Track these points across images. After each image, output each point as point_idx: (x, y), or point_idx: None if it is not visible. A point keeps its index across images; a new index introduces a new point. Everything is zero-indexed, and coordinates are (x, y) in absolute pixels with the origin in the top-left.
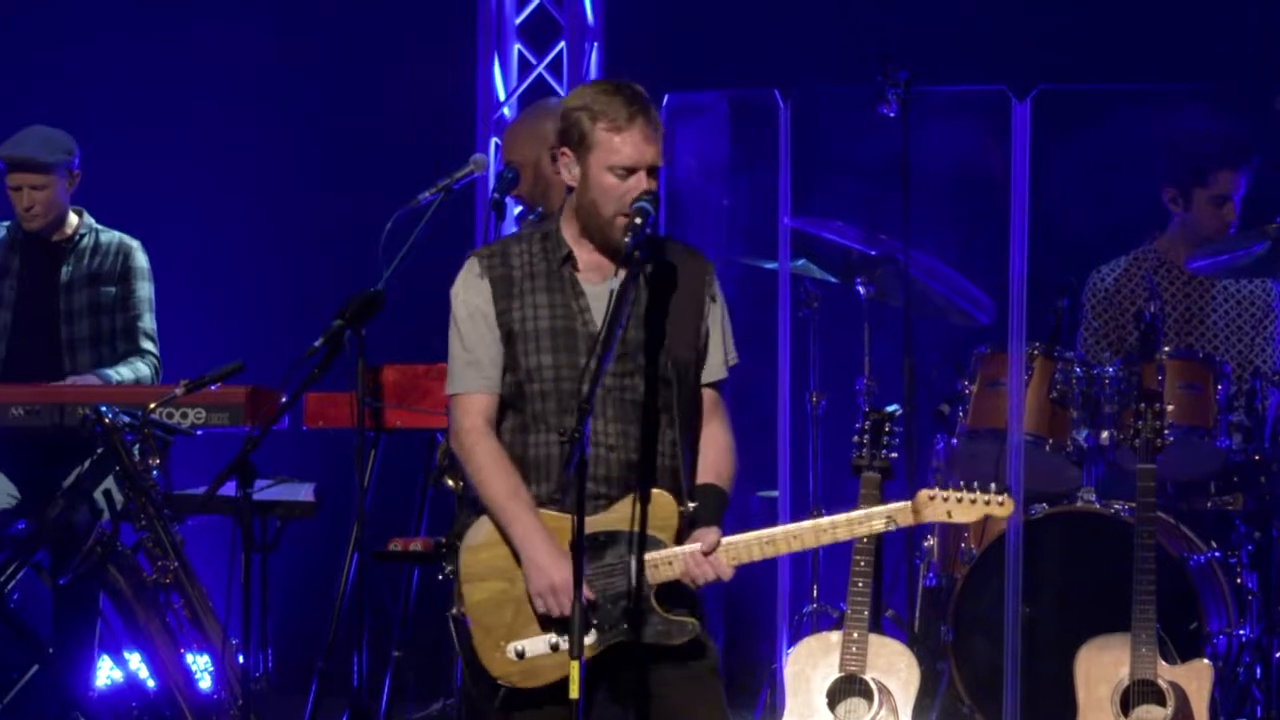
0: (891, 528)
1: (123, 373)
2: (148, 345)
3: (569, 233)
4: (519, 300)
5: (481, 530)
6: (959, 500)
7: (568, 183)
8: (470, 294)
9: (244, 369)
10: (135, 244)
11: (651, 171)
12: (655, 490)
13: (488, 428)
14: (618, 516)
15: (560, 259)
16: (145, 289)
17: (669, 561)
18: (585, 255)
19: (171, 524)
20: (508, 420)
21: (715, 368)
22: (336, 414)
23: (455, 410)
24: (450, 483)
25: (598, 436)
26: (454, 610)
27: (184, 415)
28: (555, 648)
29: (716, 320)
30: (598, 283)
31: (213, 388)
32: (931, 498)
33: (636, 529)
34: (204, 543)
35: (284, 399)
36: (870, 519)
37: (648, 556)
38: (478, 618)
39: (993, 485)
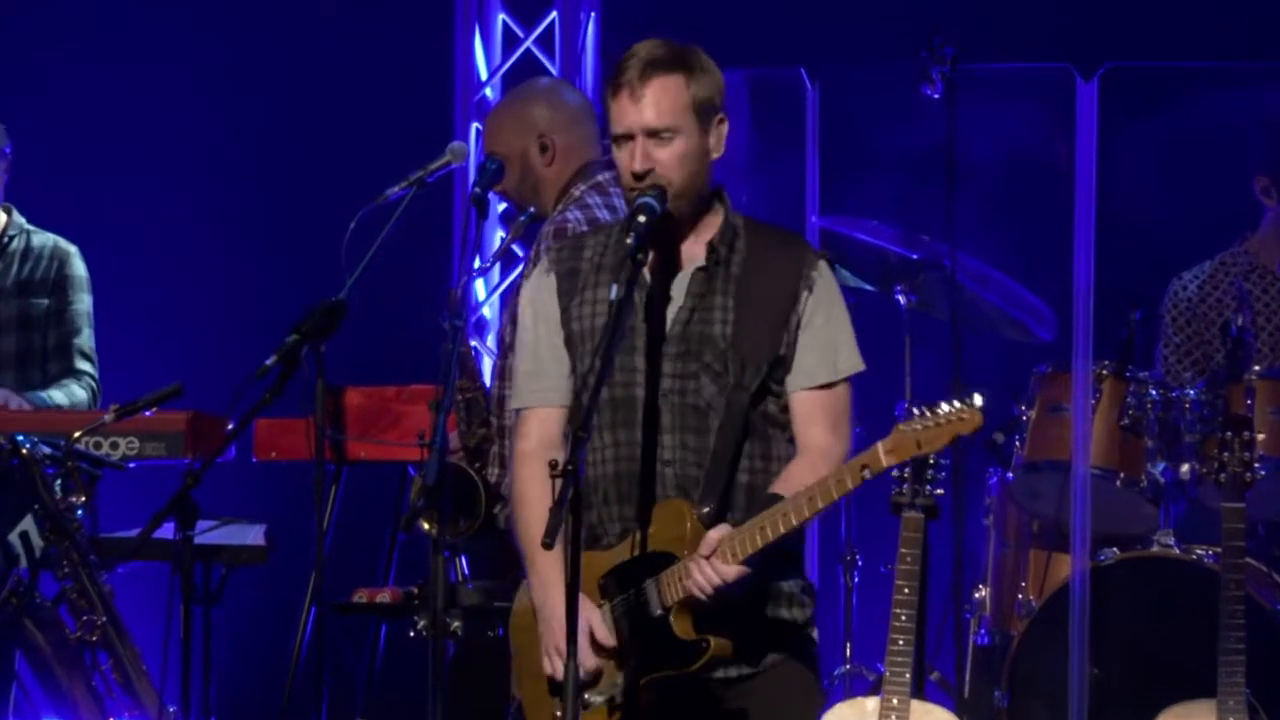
0: (868, 475)
1: (55, 397)
2: (84, 366)
3: None
4: (580, 296)
5: (527, 594)
6: (925, 427)
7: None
8: (535, 292)
9: (183, 392)
10: (73, 249)
11: (656, 136)
12: (668, 500)
13: (541, 450)
14: (645, 537)
15: (626, 250)
16: (84, 301)
17: (679, 577)
18: (658, 242)
19: (99, 572)
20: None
21: (805, 373)
22: (291, 444)
23: (514, 428)
24: (424, 525)
25: (651, 450)
26: (513, 693)
27: (114, 445)
28: (586, 705)
29: (815, 315)
30: (672, 273)
31: (147, 413)
32: (901, 431)
33: (648, 549)
34: (137, 594)
35: (230, 426)
36: (848, 474)
37: (660, 576)
38: (530, 699)
39: (966, 400)
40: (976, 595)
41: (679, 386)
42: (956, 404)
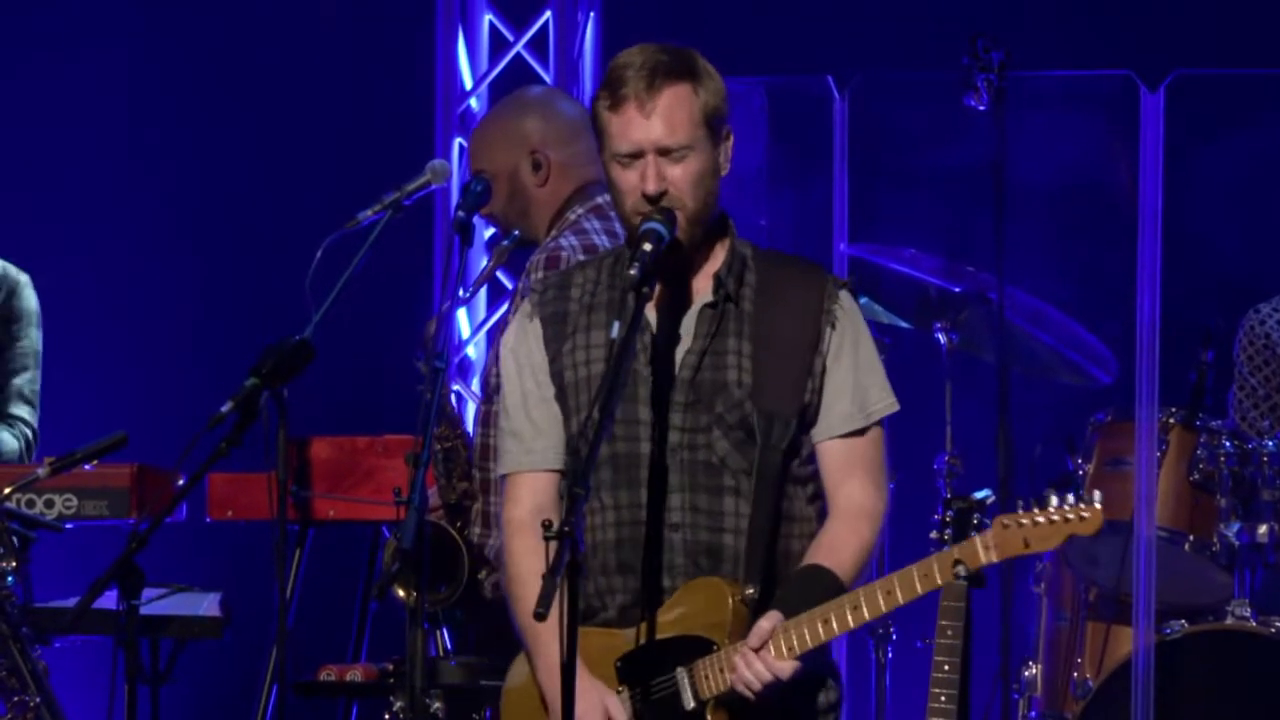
0: (963, 572)
1: None
2: (20, 410)
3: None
4: (571, 341)
5: (523, 666)
6: (1035, 523)
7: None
8: (518, 341)
9: (128, 443)
10: (23, 278)
11: (669, 154)
12: (704, 579)
13: (529, 520)
14: (674, 618)
15: (628, 283)
16: (32, 337)
17: (718, 668)
18: (662, 274)
19: (32, 646)
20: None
21: (840, 419)
22: (250, 502)
23: (501, 496)
24: (400, 593)
25: (657, 512)
26: None
27: (49, 503)
28: None
29: (841, 354)
30: (678, 310)
31: (87, 467)
32: (1005, 525)
33: (676, 632)
34: (75, 671)
35: (181, 482)
36: (937, 567)
37: (696, 664)
38: None
39: (1084, 495)
40: (1026, 673)
41: (688, 441)
42: (1071, 499)
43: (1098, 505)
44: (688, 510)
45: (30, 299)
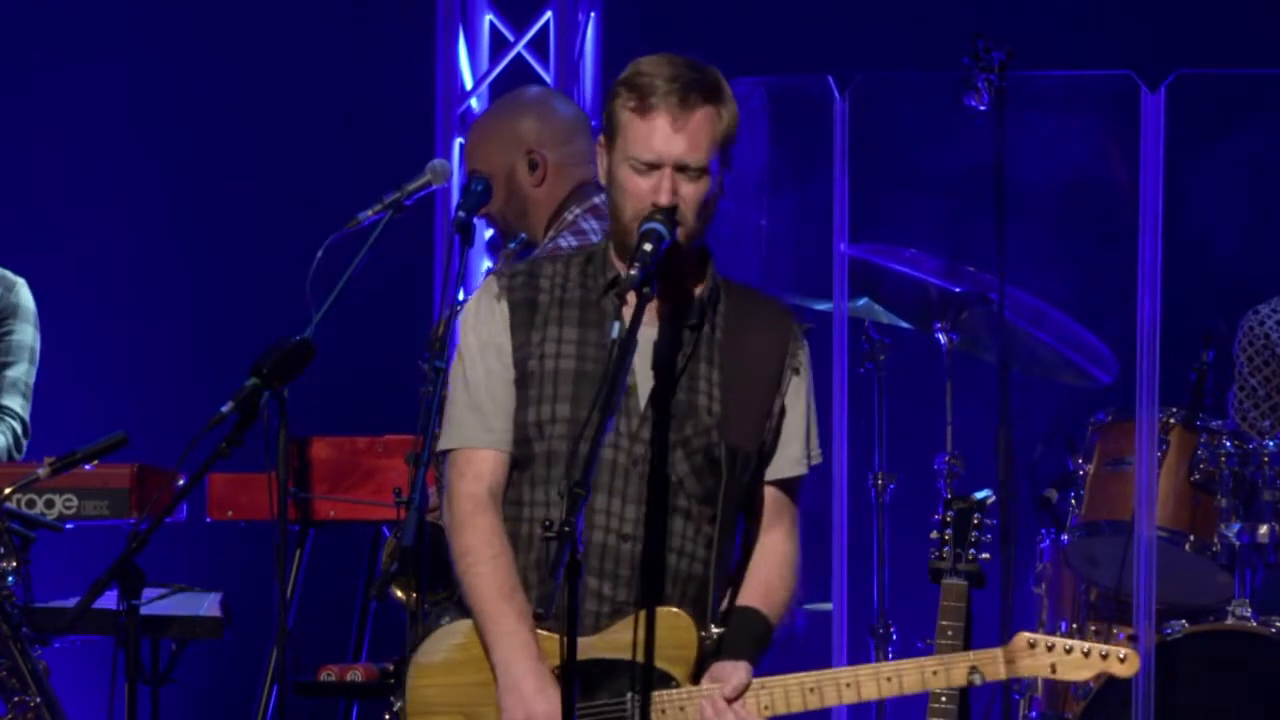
0: (977, 681)
1: None
2: (11, 401)
3: (616, 253)
4: (541, 332)
5: (441, 644)
6: (1067, 651)
7: (599, 179)
8: (482, 320)
9: (128, 442)
10: (20, 280)
11: (686, 171)
12: (669, 609)
13: (490, 499)
14: (617, 639)
15: (603, 286)
16: (27, 333)
17: (679, 706)
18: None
19: (33, 647)
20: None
21: (789, 461)
22: (250, 502)
23: (450, 470)
24: (399, 593)
25: (608, 519)
26: None
27: (49, 504)
28: None
29: (798, 400)
30: (649, 321)
31: (87, 467)
32: (1032, 645)
33: (640, 658)
34: (75, 671)
35: (181, 482)
36: (949, 668)
37: (655, 696)
38: None
39: (1119, 637)
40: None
41: (649, 454)
42: (1106, 645)
43: (1135, 650)
44: (640, 523)
45: (26, 297)
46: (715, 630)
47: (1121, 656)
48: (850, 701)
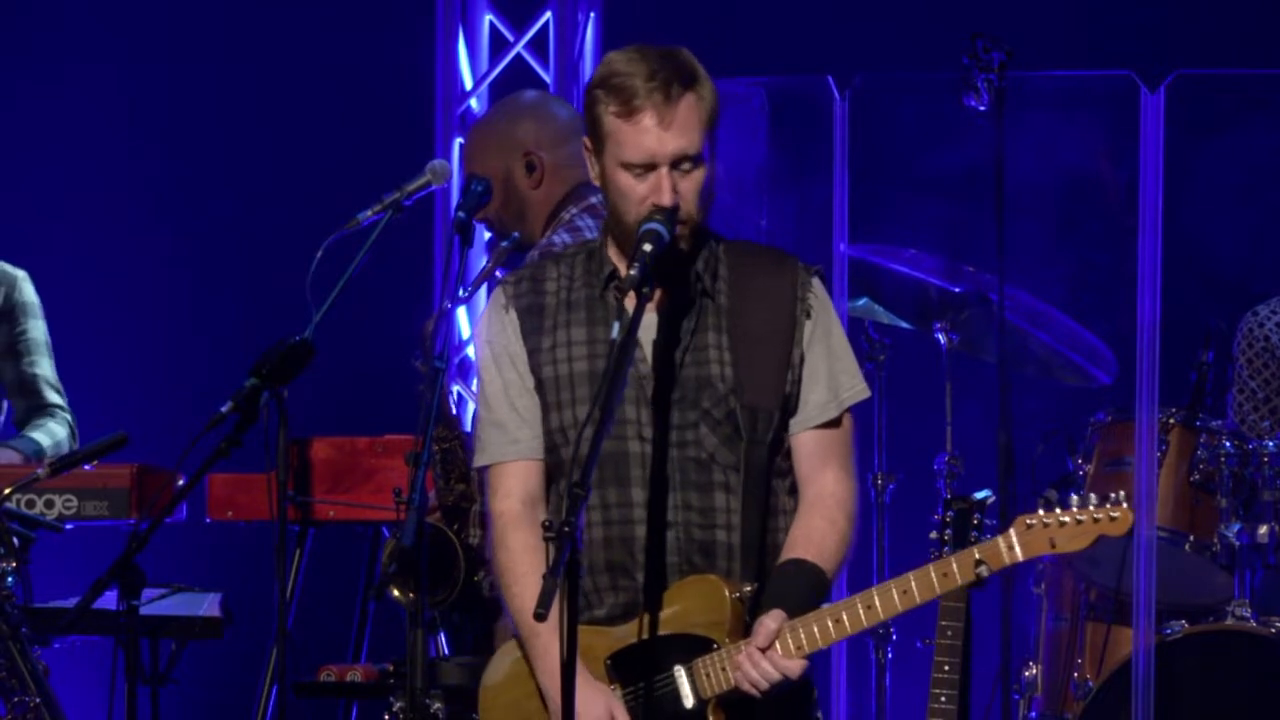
0: (984, 573)
1: (38, 439)
2: (54, 398)
3: (613, 248)
4: (550, 337)
5: (504, 663)
6: (1062, 524)
7: (593, 182)
8: (494, 332)
9: (127, 442)
10: (20, 273)
11: (680, 164)
12: (699, 576)
13: (526, 511)
14: (670, 616)
15: (604, 281)
16: (38, 328)
17: (720, 666)
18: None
19: (32, 647)
20: None
21: (815, 408)
22: (250, 502)
23: (486, 488)
24: (398, 594)
25: (649, 510)
26: None
27: (49, 504)
28: None
29: (816, 343)
30: (651, 313)
31: (87, 467)
32: (1029, 524)
33: (672, 630)
34: (75, 671)
35: (181, 483)
36: (956, 565)
37: (695, 663)
38: None
39: (1109, 496)
40: (1026, 674)
41: (677, 438)
42: (1094, 499)
43: (1126, 505)
44: (680, 508)
45: (29, 292)
46: (747, 588)
47: (1114, 515)
48: (873, 622)
